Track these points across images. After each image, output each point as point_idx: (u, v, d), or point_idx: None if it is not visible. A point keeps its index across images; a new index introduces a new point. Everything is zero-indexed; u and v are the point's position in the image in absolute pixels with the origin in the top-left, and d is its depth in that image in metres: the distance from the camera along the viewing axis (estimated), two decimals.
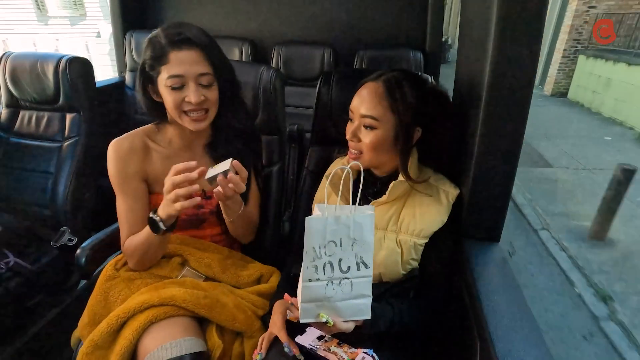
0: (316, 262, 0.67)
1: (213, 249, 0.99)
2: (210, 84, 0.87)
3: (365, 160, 0.85)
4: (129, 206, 0.91)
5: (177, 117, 0.88)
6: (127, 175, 0.91)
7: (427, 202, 0.85)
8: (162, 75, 0.84)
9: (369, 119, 0.81)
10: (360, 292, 0.69)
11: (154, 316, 0.78)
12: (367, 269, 0.68)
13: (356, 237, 0.67)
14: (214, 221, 1.00)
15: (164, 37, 0.83)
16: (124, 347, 0.76)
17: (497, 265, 0.85)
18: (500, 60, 0.75)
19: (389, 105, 0.80)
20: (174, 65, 0.83)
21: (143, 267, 0.92)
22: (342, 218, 0.66)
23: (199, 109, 0.87)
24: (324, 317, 0.68)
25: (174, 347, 0.75)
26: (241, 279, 0.97)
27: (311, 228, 0.65)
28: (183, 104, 0.86)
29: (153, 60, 0.84)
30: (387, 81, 0.81)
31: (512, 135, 0.80)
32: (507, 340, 0.64)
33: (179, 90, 0.84)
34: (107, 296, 0.89)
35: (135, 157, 0.92)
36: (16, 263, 1.18)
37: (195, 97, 0.84)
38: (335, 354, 0.74)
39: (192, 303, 0.82)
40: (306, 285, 0.67)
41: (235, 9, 2.32)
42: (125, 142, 0.92)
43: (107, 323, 0.79)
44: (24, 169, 1.43)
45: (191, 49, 0.84)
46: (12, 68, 1.41)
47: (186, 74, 0.83)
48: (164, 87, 0.85)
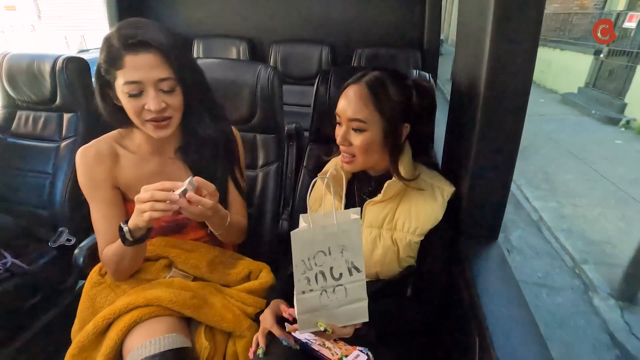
0: (307, 274, 0.66)
1: (200, 249, 0.97)
2: (171, 89, 0.80)
3: (359, 163, 0.85)
4: (102, 214, 0.87)
5: (140, 125, 0.83)
6: (96, 182, 0.87)
7: (422, 200, 0.85)
8: (119, 81, 0.77)
9: (356, 122, 0.81)
10: (356, 297, 0.69)
11: (139, 316, 0.78)
12: (359, 273, 0.68)
13: (344, 243, 0.66)
14: (195, 225, 0.97)
15: (118, 38, 0.75)
16: (108, 347, 0.76)
17: (495, 262, 0.85)
18: (497, 57, 0.75)
19: (374, 106, 0.80)
20: (129, 71, 0.75)
21: (122, 277, 0.89)
22: (328, 227, 0.66)
23: (160, 118, 0.81)
24: (322, 325, 0.68)
25: (154, 344, 0.75)
26: (230, 277, 0.97)
27: (297, 241, 0.65)
28: (143, 112, 0.80)
29: (108, 65, 0.77)
30: (369, 82, 0.81)
31: (510, 132, 0.80)
32: (506, 337, 0.64)
33: (138, 97, 0.78)
34: (94, 302, 0.88)
35: (103, 164, 0.87)
36: (14, 264, 1.18)
37: (155, 104, 0.78)
38: (329, 349, 0.74)
39: (178, 304, 0.81)
40: (300, 298, 0.67)
41: (232, 8, 2.32)
42: (92, 149, 0.88)
43: (93, 324, 0.79)
44: (21, 169, 1.42)
45: (148, 53, 0.76)
46: (9, 68, 1.40)
47: (144, 79, 0.76)
48: (122, 94, 0.78)
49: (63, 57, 1.37)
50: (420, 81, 0.86)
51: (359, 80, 0.83)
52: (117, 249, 0.81)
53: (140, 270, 0.92)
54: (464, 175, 0.88)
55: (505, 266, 0.83)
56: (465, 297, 0.78)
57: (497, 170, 0.84)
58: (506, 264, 0.83)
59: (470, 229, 0.90)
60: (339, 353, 0.75)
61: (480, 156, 0.83)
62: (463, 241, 0.89)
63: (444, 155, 1.08)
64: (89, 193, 0.88)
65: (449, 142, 1.05)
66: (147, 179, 0.90)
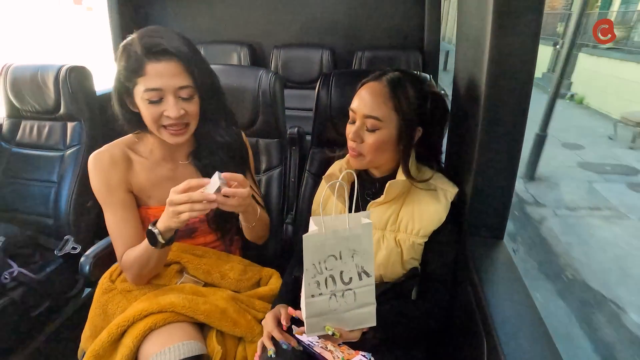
0: (317, 278, 0.66)
1: (211, 255, 0.98)
2: (190, 96, 0.82)
3: (366, 161, 0.85)
4: (119, 218, 0.87)
5: (156, 130, 0.84)
6: (112, 186, 0.86)
7: (426, 201, 0.85)
8: (139, 88, 0.79)
9: (372, 120, 0.80)
10: (364, 301, 0.68)
11: (154, 323, 0.78)
12: (368, 277, 0.67)
13: (355, 247, 0.66)
14: (206, 229, 0.98)
15: (141, 46, 0.77)
16: (124, 356, 0.76)
17: (502, 262, 0.84)
18: (498, 57, 0.75)
19: (393, 105, 0.79)
20: (151, 78, 0.77)
21: (142, 281, 0.89)
22: (340, 231, 0.65)
23: (178, 124, 0.82)
24: (330, 329, 0.68)
25: (173, 351, 0.75)
26: (240, 283, 0.97)
27: (309, 245, 0.65)
28: (162, 119, 0.81)
29: (128, 71, 0.78)
30: (390, 81, 0.81)
31: (512, 132, 0.80)
32: (514, 338, 0.63)
33: (157, 104, 0.79)
34: (105, 309, 0.89)
35: (117, 168, 0.87)
36: (20, 273, 1.18)
37: (175, 111, 0.79)
38: (332, 353, 0.74)
39: (191, 309, 0.81)
40: (310, 302, 0.67)
41: (232, 13, 2.33)
42: (105, 154, 0.88)
43: (107, 332, 0.79)
44: (26, 178, 1.43)
45: (170, 61, 0.78)
46: (13, 79, 1.42)
47: (165, 87, 0.78)
48: (141, 100, 0.80)
49: (66, 67, 1.38)
50: (434, 87, 0.86)
51: (379, 78, 0.82)
52: (142, 252, 0.81)
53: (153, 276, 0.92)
54: (467, 176, 0.88)
55: (511, 266, 0.82)
56: (471, 298, 0.77)
57: (500, 169, 0.84)
58: (512, 264, 0.83)
59: (475, 229, 0.90)
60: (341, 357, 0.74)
61: (484, 156, 0.83)
62: (468, 242, 0.89)
63: (447, 156, 1.08)
64: (104, 198, 0.87)
65: (452, 142, 1.05)
66: (160, 183, 0.91)
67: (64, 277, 1.32)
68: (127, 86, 0.80)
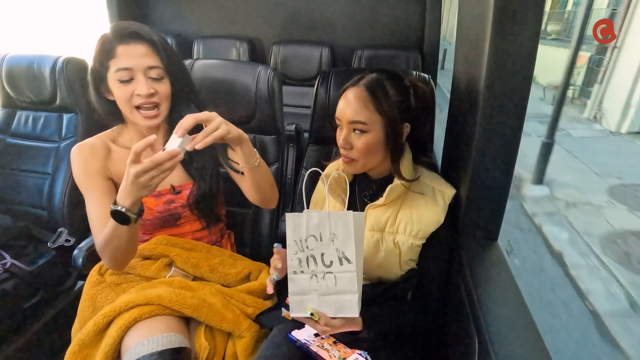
0: (299, 255, 0.70)
1: (200, 248, 0.98)
2: (160, 77, 0.86)
3: (359, 165, 0.85)
4: (97, 202, 0.87)
5: (129, 113, 0.87)
6: (91, 172, 0.89)
7: (424, 203, 0.85)
8: (111, 70, 0.83)
9: (357, 124, 0.81)
10: (345, 288, 0.70)
11: (139, 315, 0.78)
12: (349, 264, 0.69)
13: (335, 232, 0.69)
14: (190, 216, 0.98)
15: (112, 33, 0.83)
16: (108, 345, 0.76)
17: (495, 263, 0.85)
18: (497, 59, 0.75)
19: (374, 107, 0.80)
20: (122, 59, 0.82)
21: (121, 266, 0.88)
22: (322, 213, 0.69)
23: (149, 104, 0.85)
24: (311, 310, 0.70)
25: (151, 343, 0.75)
26: (229, 277, 0.97)
27: (291, 222, 0.70)
28: (133, 98, 0.85)
29: (102, 56, 0.83)
30: (368, 84, 0.81)
31: (509, 133, 0.80)
32: (506, 339, 0.64)
33: (128, 84, 0.84)
34: (94, 302, 0.89)
35: (96, 156, 0.91)
36: (13, 264, 1.18)
37: (145, 89, 0.83)
38: (328, 351, 0.74)
39: (178, 303, 0.81)
40: (292, 278, 0.71)
41: (233, 9, 2.32)
42: (86, 145, 0.92)
43: (94, 322, 0.79)
44: (20, 169, 1.42)
45: (139, 43, 0.84)
46: (9, 69, 1.40)
47: (134, 66, 0.83)
48: (114, 82, 0.84)
49: (63, 58, 1.37)
50: (416, 81, 0.86)
51: (357, 83, 0.83)
52: (111, 234, 0.77)
53: (141, 268, 0.92)
54: (463, 177, 0.88)
55: (504, 268, 0.82)
56: (465, 299, 0.78)
57: (496, 171, 0.84)
58: (506, 265, 0.83)
59: (470, 230, 0.90)
60: (337, 356, 0.75)
61: (480, 157, 0.83)
62: (463, 243, 0.89)
63: (444, 157, 1.08)
64: (84, 184, 0.89)
65: (449, 143, 1.05)
66: None
67: (57, 270, 1.31)
68: (100, 72, 0.85)
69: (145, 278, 0.92)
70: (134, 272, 0.93)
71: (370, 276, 0.89)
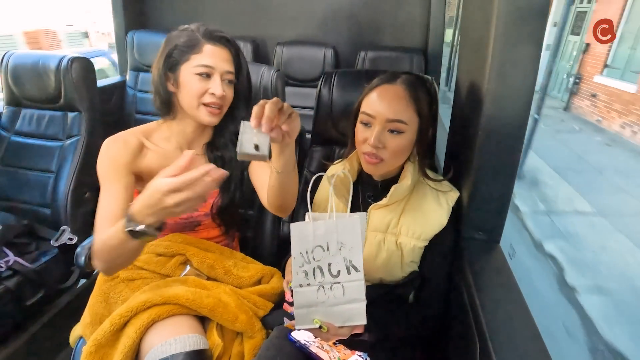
0: (305, 267, 0.67)
1: (215, 249, 0.98)
2: (232, 82, 0.91)
3: (386, 166, 0.82)
4: (115, 195, 0.83)
5: (194, 107, 0.88)
6: (118, 165, 0.86)
7: (427, 205, 0.85)
8: (191, 62, 0.86)
9: (397, 124, 0.78)
10: (353, 297, 0.68)
11: (157, 315, 0.78)
12: (357, 272, 0.67)
13: (343, 240, 0.66)
14: (210, 224, 0.98)
15: (202, 31, 0.88)
16: (127, 346, 0.76)
17: (497, 266, 0.84)
18: (500, 63, 0.75)
19: (415, 107, 0.79)
20: (206, 56, 0.86)
21: (110, 273, 0.85)
22: (328, 222, 0.66)
23: (217, 104, 0.89)
24: (318, 322, 0.68)
25: (179, 342, 0.75)
26: (243, 280, 0.97)
27: (296, 233, 0.66)
28: (205, 96, 0.88)
29: (186, 47, 0.86)
30: (408, 84, 0.80)
31: (513, 137, 0.80)
32: (507, 342, 0.63)
33: (205, 80, 0.87)
34: (107, 297, 0.88)
35: (127, 151, 0.88)
36: (16, 262, 1.18)
37: (219, 89, 0.87)
38: (328, 352, 0.74)
39: (195, 303, 0.81)
40: (298, 291, 0.68)
41: (237, 9, 2.33)
42: (120, 137, 0.90)
43: (110, 322, 0.78)
44: (24, 167, 1.43)
45: (225, 47, 0.89)
46: (14, 67, 1.41)
47: (216, 66, 0.87)
48: (190, 74, 0.86)
49: (68, 57, 1.38)
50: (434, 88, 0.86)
51: (393, 80, 0.81)
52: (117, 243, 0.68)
53: (155, 265, 0.92)
54: (466, 179, 0.88)
55: (506, 270, 0.82)
56: (466, 302, 0.78)
57: (499, 174, 0.84)
58: (508, 268, 0.83)
59: (472, 233, 0.90)
60: (338, 357, 0.74)
61: (483, 160, 0.83)
62: (465, 245, 0.89)
63: (446, 159, 1.08)
64: (106, 174, 0.85)
65: (451, 145, 1.05)
66: None
67: (59, 268, 1.32)
68: (176, 61, 0.87)
69: (159, 275, 0.91)
70: (149, 269, 0.92)
71: (371, 277, 0.89)
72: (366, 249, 0.86)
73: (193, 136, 0.97)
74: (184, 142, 0.96)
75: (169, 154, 0.94)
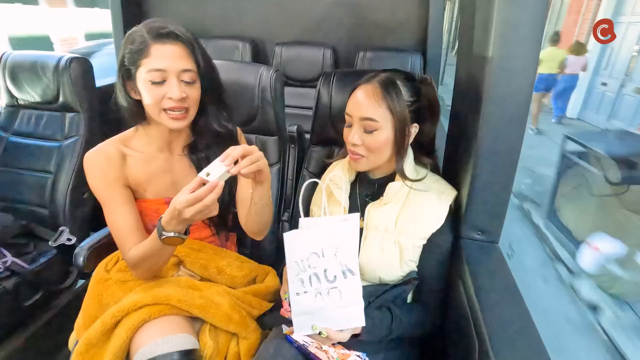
0: (301, 275, 0.67)
1: (208, 250, 0.97)
2: (192, 81, 0.83)
3: (366, 162, 0.85)
4: (121, 212, 0.86)
5: (156, 114, 0.83)
6: (110, 181, 0.86)
7: (426, 204, 0.85)
8: (142, 70, 0.79)
9: (369, 121, 0.81)
10: (351, 300, 0.68)
11: (149, 315, 0.78)
12: (353, 275, 0.67)
13: (338, 245, 0.66)
14: (200, 224, 0.98)
15: (147, 30, 0.79)
16: (117, 346, 0.76)
17: (495, 266, 0.85)
18: (499, 63, 0.75)
19: (387, 105, 0.80)
20: (155, 59, 0.78)
21: (150, 276, 0.89)
22: (322, 228, 0.66)
23: (179, 107, 0.82)
24: (317, 328, 0.68)
25: (166, 342, 0.75)
26: (237, 280, 0.97)
27: (290, 243, 0.67)
28: (163, 101, 0.81)
29: (132, 54, 0.79)
30: (381, 82, 0.81)
31: (511, 137, 0.80)
32: (506, 342, 0.63)
33: (159, 86, 0.80)
34: (100, 299, 0.88)
35: (112, 165, 0.87)
36: (14, 262, 1.18)
37: (177, 92, 0.79)
38: (326, 352, 0.74)
39: (187, 303, 0.81)
40: (295, 300, 0.68)
41: (236, 9, 2.32)
42: (100, 152, 0.88)
43: (101, 322, 0.79)
44: (23, 168, 1.43)
45: (175, 44, 0.80)
46: (12, 67, 1.41)
47: (168, 68, 0.79)
48: (143, 82, 0.80)
49: (66, 57, 1.38)
50: (426, 82, 0.86)
51: (371, 80, 0.83)
52: (153, 250, 0.79)
53: None
54: (464, 179, 0.88)
55: (505, 270, 0.82)
56: (465, 302, 0.78)
57: (497, 174, 0.84)
58: (506, 268, 0.83)
59: (471, 232, 0.90)
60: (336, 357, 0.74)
61: (481, 160, 0.83)
62: (463, 245, 0.89)
63: (445, 159, 1.08)
64: (103, 194, 0.86)
65: (451, 145, 1.05)
66: (156, 175, 0.91)
67: (57, 268, 1.31)
68: (129, 70, 0.81)
69: (152, 277, 0.91)
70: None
71: (370, 277, 0.89)
72: (365, 248, 0.86)
73: (171, 137, 0.93)
74: (164, 144, 0.93)
75: (151, 158, 0.92)
